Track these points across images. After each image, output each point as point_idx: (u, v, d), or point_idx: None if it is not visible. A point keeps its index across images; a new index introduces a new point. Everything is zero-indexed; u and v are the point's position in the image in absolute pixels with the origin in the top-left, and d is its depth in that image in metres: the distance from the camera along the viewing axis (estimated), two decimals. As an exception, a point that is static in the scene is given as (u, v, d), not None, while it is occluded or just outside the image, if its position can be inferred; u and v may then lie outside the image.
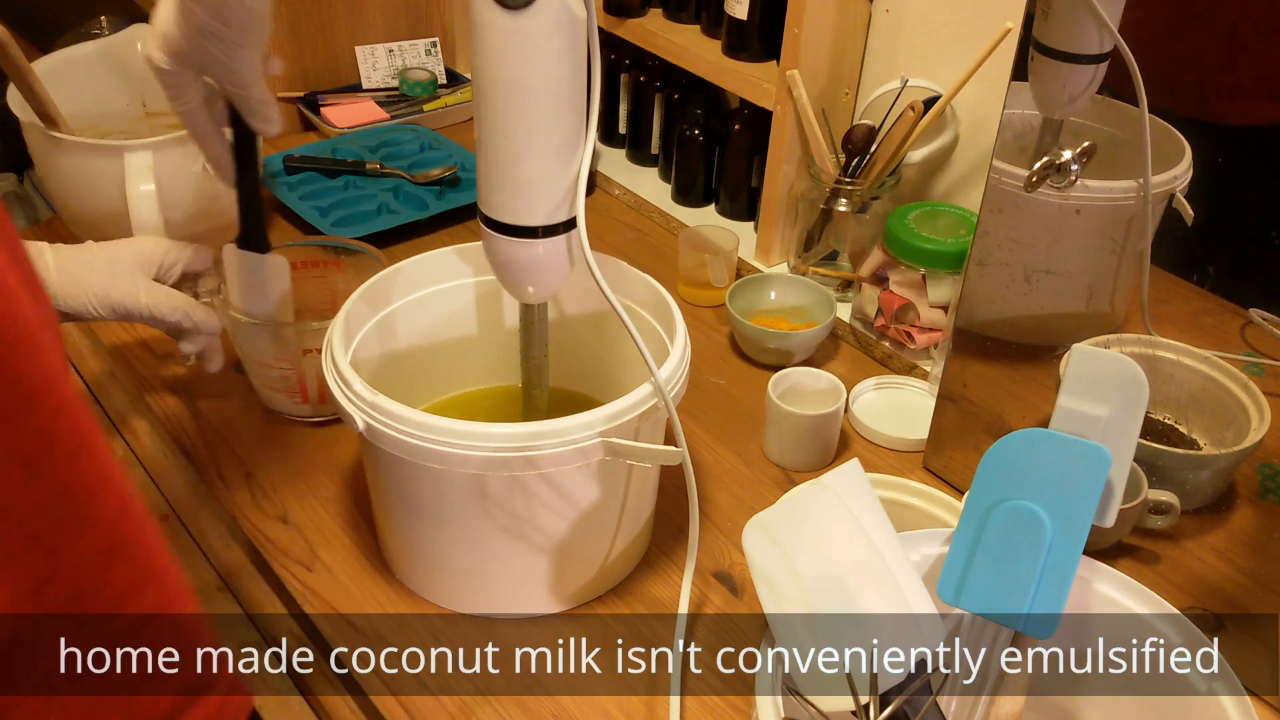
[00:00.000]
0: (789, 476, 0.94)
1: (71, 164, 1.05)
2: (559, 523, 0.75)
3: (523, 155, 0.67)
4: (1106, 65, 0.73)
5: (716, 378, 1.05)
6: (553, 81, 0.65)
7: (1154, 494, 0.79)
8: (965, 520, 0.62)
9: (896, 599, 0.57)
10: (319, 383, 0.90)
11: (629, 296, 0.84)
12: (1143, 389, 0.60)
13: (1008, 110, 0.78)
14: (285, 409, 0.95)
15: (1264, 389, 0.75)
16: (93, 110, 1.16)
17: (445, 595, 0.80)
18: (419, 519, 0.77)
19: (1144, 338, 0.79)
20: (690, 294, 1.15)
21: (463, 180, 1.30)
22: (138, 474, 0.98)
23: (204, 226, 1.09)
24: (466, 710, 0.73)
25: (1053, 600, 0.60)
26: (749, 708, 0.73)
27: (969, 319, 0.87)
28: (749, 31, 1.14)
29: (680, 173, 1.31)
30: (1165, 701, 0.63)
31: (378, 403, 0.70)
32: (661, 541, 0.86)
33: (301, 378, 0.92)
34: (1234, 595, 0.78)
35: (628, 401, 0.71)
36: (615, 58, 1.36)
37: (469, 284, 0.90)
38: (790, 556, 0.58)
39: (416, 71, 1.50)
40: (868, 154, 1.08)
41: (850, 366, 1.07)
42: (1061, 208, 0.78)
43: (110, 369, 1.07)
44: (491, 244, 0.72)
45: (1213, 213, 0.73)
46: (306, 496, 0.89)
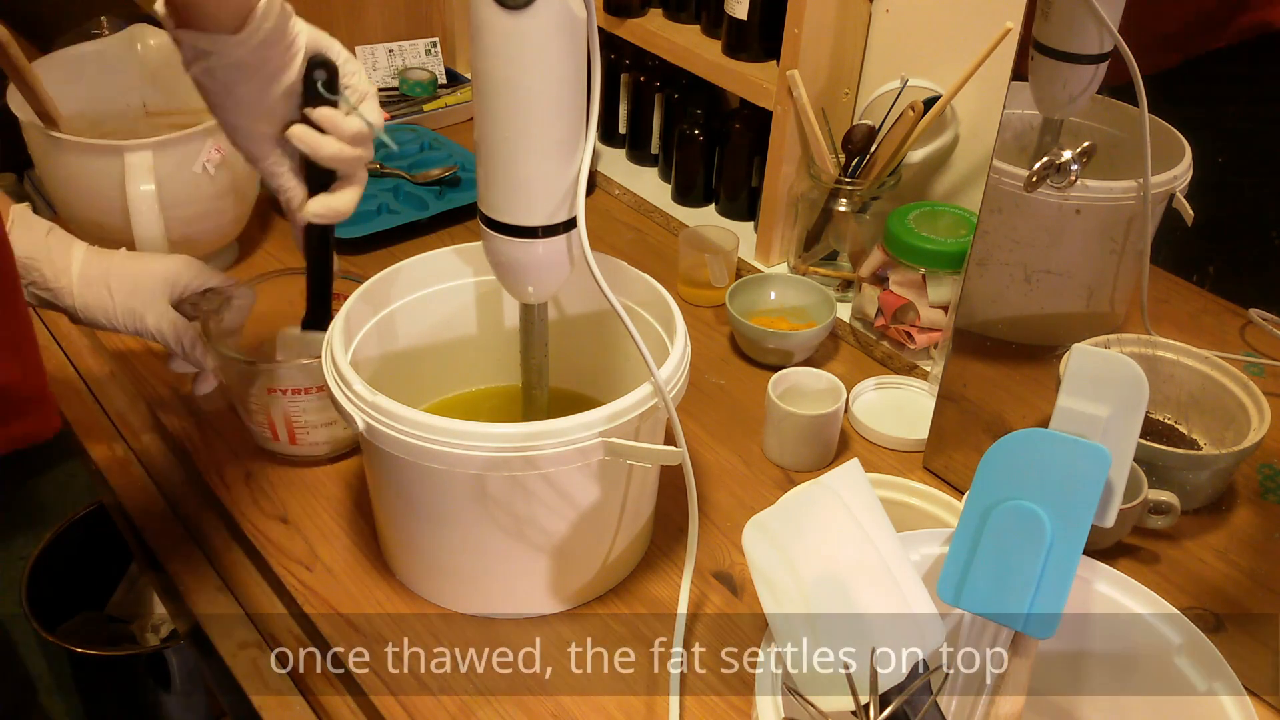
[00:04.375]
0: (789, 476, 0.94)
1: (71, 164, 1.05)
2: (559, 523, 0.75)
3: (523, 155, 0.67)
4: (1106, 65, 0.73)
5: (716, 378, 1.05)
6: (553, 81, 0.65)
7: (1154, 494, 0.79)
8: (965, 520, 0.62)
9: (896, 599, 0.57)
10: (287, 423, 0.89)
11: (629, 296, 0.84)
12: (1143, 389, 0.60)
13: (1008, 110, 0.78)
14: (268, 445, 0.93)
15: (1264, 389, 0.75)
16: (93, 110, 1.16)
17: (445, 595, 0.80)
18: (419, 519, 0.77)
19: (1144, 338, 0.79)
20: (690, 294, 1.15)
21: (463, 180, 1.30)
22: (138, 474, 0.98)
23: (204, 226, 1.09)
24: (466, 710, 0.73)
25: (1053, 600, 0.60)
26: (749, 708, 0.73)
27: (969, 319, 0.87)
28: (749, 31, 1.14)
29: (680, 173, 1.31)
30: (1165, 701, 0.63)
31: (378, 403, 0.70)
32: (661, 541, 0.86)
33: (270, 418, 0.89)
34: (1234, 595, 0.78)
35: (628, 401, 0.71)
36: (615, 58, 1.36)
37: (469, 284, 0.90)
38: (790, 556, 0.58)
39: (416, 71, 1.50)
40: (868, 154, 1.08)
41: (850, 366, 1.07)
42: (1061, 208, 0.78)
43: (111, 369, 1.07)
44: (491, 244, 0.72)
45: (1212, 213, 0.73)
46: (306, 496, 0.89)
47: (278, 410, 0.88)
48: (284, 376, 0.86)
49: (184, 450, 0.95)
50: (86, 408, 1.05)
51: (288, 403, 0.87)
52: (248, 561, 0.88)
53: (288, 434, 0.90)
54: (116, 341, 1.06)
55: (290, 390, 0.86)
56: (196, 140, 1.04)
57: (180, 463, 0.97)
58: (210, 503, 0.92)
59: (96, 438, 1.02)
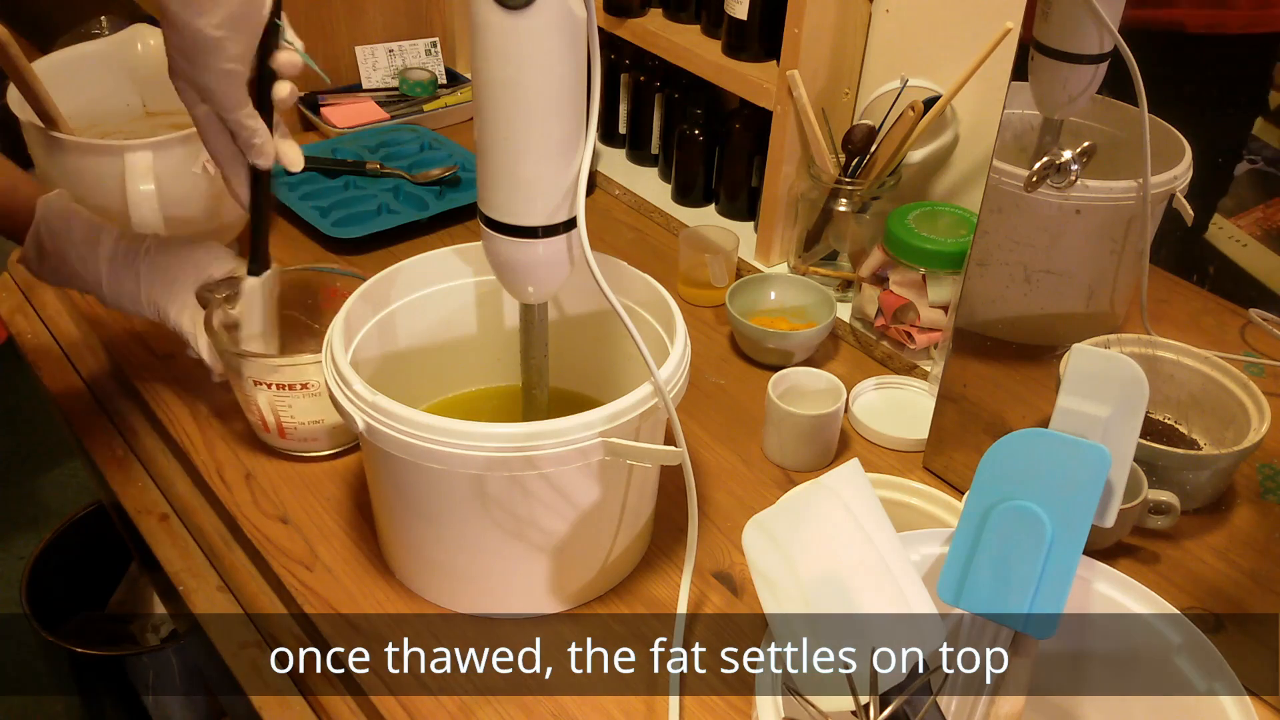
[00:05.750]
0: (789, 476, 0.94)
1: (71, 164, 1.05)
2: (559, 523, 0.75)
3: (523, 155, 0.67)
4: (1106, 65, 0.73)
5: (716, 378, 1.05)
6: (553, 81, 0.65)
7: (1154, 494, 0.79)
8: (965, 520, 0.62)
9: (896, 599, 0.57)
10: (275, 417, 0.89)
11: (629, 296, 0.84)
12: (1143, 389, 0.60)
13: (1008, 110, 0.78)
14: (263, 438, 0.93)
15: (1264, 389, 0.75)
16: (93, 110, 1.16)
17: (445, 595, 0.80)
18: (419, 519, 0.77)
19: (1144, 338, 0.79)
20: (690, 294, 1.15)
21: (463, 180, 1.30)
22: (138, 474, 0.98)
23: (204, 227, 1.09)
24: (466, 710, 0.73)
25: (1053, 600, 0.60)
26: (749, 708, 0.73)
27: (969, 319, 0.87)
28: (749, 31, 1.14)
29: (680, 173, 1.31)
30: (1165, 701, 0.63)
31: (378, 403, 0.70)
32: (661, 541, 0.86)
33: (259, 409, 0.90)
34: (1234, 595, 0.78)
35: (628, 401, 0.71)
36: (615, 58, 1.36)
37: (469, 284, 0.90)
38: (790, 556, 0.58)
39: (416, 71, 1.50)
40: (868, 154, 1.08)
41: (850, 366, 1.07)
42: (1061, 208, 0.78)
43: (111, 369, 1.07)
44: (491, 244, 0.72)
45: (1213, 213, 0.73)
46: (306, 496, 0.89)
47: (266, 404, 0.89)
48: (269, 372, 0.87)
49: (184, 450, 0.95)
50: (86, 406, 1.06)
51: (274, 397, 0.88)
52: (248, 561, 0.88)
53: (276, 428, 0.90)
54: (117, 341, 1.06)
55: (275, 385, 0.87)
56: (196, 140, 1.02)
57: (180, 463, 0.97)
58: (210, 503, 0.92)
59: (96, 438, 1.02)
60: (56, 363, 1.10)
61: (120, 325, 1.07)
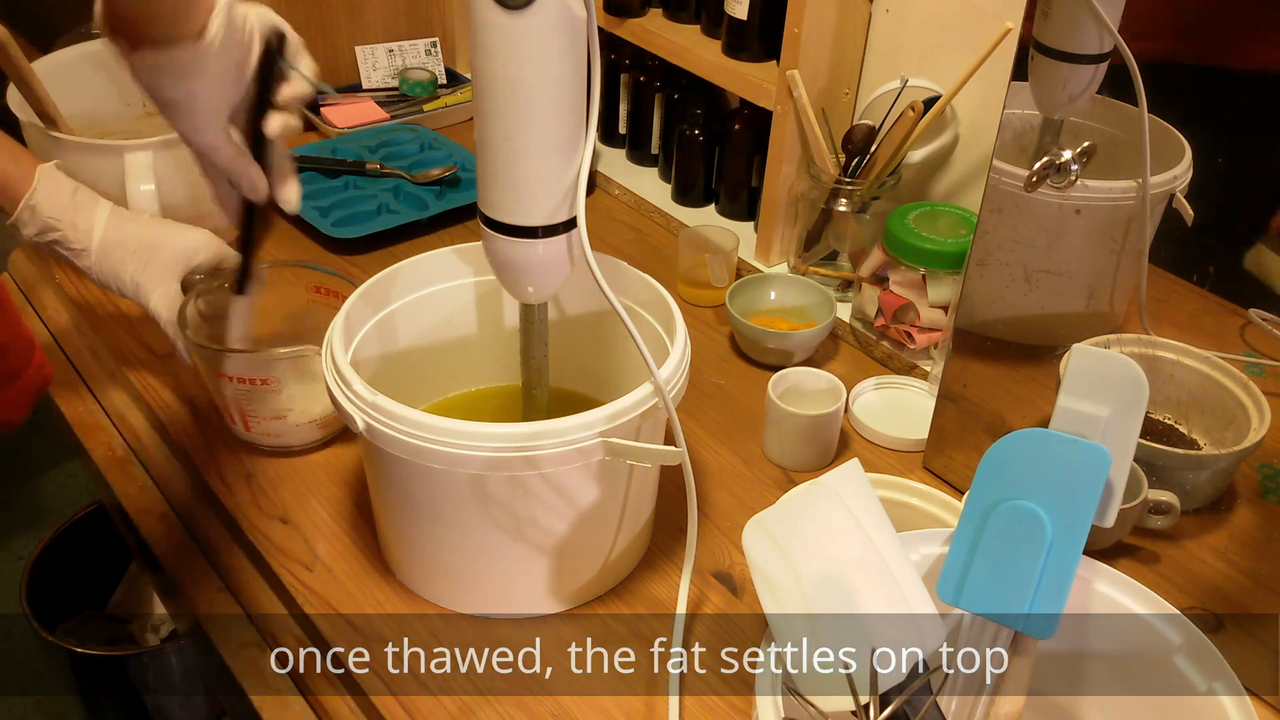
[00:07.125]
0: (789, 476, 0.94)
1: (71, 164, 1.05)
2: (559, 523, 0.75)
3: (523, 155, 0.67)
4: (1106, 65, 0.73)
5: (716, 378, 1.05)
6: (552, 81, 0.65)
7: (1154, 494, 0.79)
8: (965, 520, 0.62)
9: (896, 599, 0.57)
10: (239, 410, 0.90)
11: (629, 296, 0.84)
12: (1143, 389, 0.60)
13: (1008, 110, 0.78)
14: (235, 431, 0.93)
15: (1264, 389, 0.75)
16: (93, 110, 1.16)
17: (445, 595, 0.80)
18: (419, 519, 0.77)
19: (1144, 338, 0.79)
20: (690, 294, 1.15)
21: (463, 180, 1.30)
22: (138, 474, 0.98)
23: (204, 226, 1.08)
24: (466, 710, 0.73)
25: (1053, 600, 0.60)
26: (749, 708, 0.73)
27: (969, 319, 0.87)
28: (749, 31, 1.14)
29: (680, 173, 1.31)
30: (1165, 701, 0.63)
31: (378, 403, 0.70)
32: (661, 541, 0.86)
33: (225, 401, 0.90)
34: (1234, 595, 0.78)
35: (628, 401, 0.71)
36: (615, 58, 1.36)
37: (469, 284, 0.90)
38: (790, 556, 0.58)
39: (416, 71, 1.50)
40: (868, 154, 1.08)
41: (850, 366, 1.07)
42: (1061, 208, 0.78)
43: (110, 369, 1.07)
44: (491, 244, 0.72)
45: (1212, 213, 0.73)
46: (306, 496, 0.89)
47: (231, 396, 0.89)
48: (228, 364, 0.87)
49: (184, 450, 0.95)
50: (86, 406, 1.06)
51: (235, 389, 0.88)
52: (248, 561, 0.88)
53: (242, 421, 0.91)
54: (117, 340, 1.06)
55: (236, 379, 0.87)
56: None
57: (180, 463, 0.97)
58: (210, 503, 0.92)
59: (96, 438, 1.02)
60: (56, 362, 1.10)
61: (120, 325, 1.07)
